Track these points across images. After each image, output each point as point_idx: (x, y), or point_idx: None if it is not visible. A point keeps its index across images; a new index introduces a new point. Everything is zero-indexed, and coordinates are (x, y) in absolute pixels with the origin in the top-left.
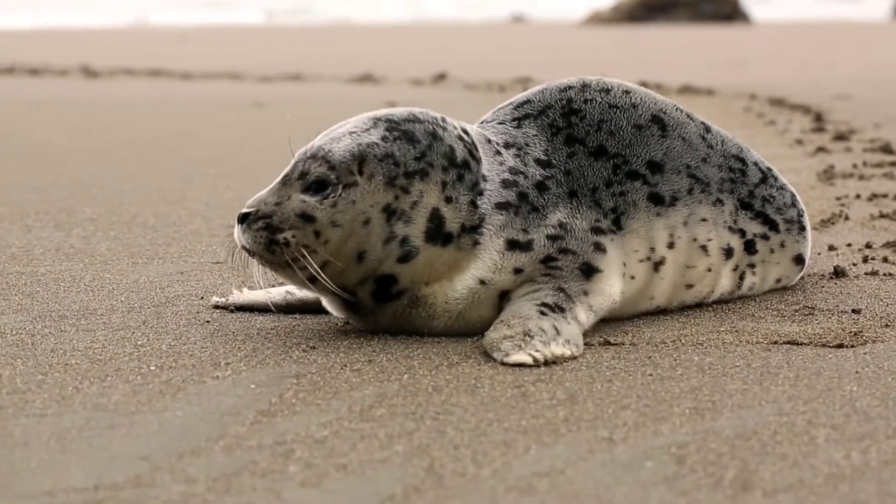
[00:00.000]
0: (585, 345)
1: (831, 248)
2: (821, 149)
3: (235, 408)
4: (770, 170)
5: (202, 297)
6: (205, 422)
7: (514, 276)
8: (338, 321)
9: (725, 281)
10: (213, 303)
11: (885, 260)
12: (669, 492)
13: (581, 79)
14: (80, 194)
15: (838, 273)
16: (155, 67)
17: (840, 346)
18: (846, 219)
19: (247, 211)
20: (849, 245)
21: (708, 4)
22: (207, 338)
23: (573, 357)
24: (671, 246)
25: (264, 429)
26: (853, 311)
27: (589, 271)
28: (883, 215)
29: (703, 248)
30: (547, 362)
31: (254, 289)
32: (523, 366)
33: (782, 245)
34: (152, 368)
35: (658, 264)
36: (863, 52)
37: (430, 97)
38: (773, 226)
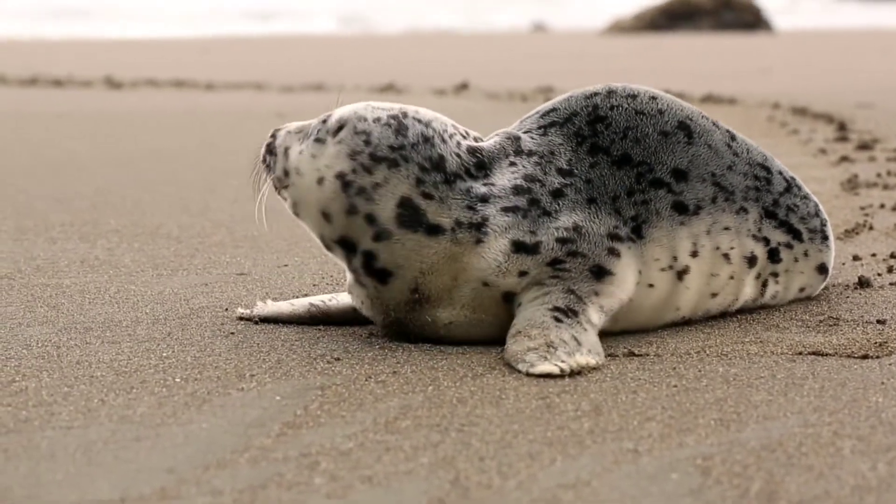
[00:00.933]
0: (609, 355)
1: (856, 258)
2: (844, 158)
3: (261, 420)
4: (794, 179)
5: (226, 309)
6: (230, 434)
7: (519, 279)
8: (361, 332)
9: (749, 289)
10: (237, 314)
11: None
12: (695, 503)
13: (607, 85)
14: (104, 205)
15: (863, 283)
16: (178, 78)
17: (865, 356)
18: (870, 229)
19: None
20: (873, 255)
21: (730, 13)
22: (232, 349)
23: (598, 366)
24: (695, 255)
25: (289, 441)
26: (878, 321)
27: (600, 273)
28: None
29: (726, 257)
30: (573, 372)
31: (277, 300)
32: (550, 376)
33: (805, 254)
34: (177, 380)
35: (682, 273)
36: (887, 60)
37: (452, 107)
38: (797, 235)
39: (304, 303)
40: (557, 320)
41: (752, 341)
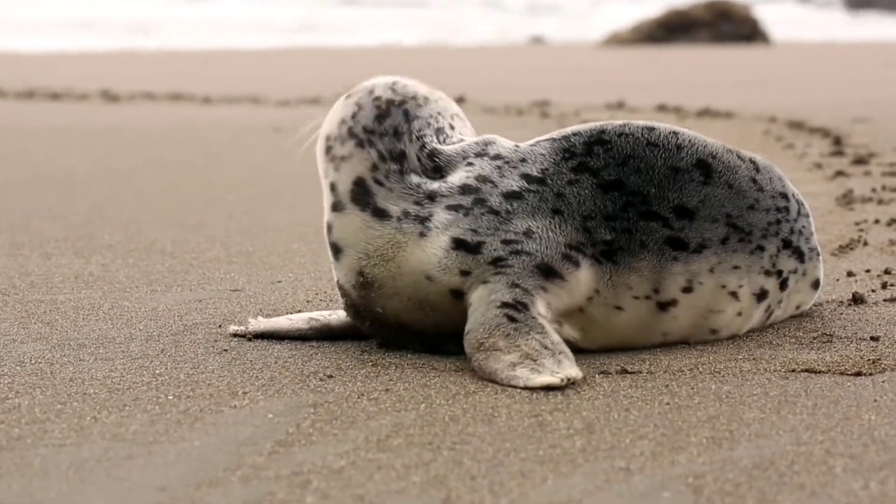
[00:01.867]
0: (602, 373)
1: (850, 273)
2: (840, 173)
3: (253, 438)
4: (796, 195)
5: (220, 325)
6: (222, 452)
7: (463, 278)
8: (355, 349)
9: (755, 322)
10: (230, 331)
11: None
12: None
13: (627, 121)
14: (99, 221)
15: (857, 300)
16: (175, 92)
17: (858, 374)
18: (865, 244)
19: None
20: (867, 271)
21: (728, 25)
22: (225, 366)
23: (581, 377)
24: (688, 290)
25: (281, 459)
26: (872, 338)
27: (548, 273)
28: None
29: (733, 294)
30: (569, 383)
31: (270, 317)
32: (550, 388)
33: (804, 273)
34: (170, 398)
35: (666, 304)
36: (885, 73)
37: None
38: (801, 257)
39: (303, 317)
40: (511, 318)
41: (745, 358)
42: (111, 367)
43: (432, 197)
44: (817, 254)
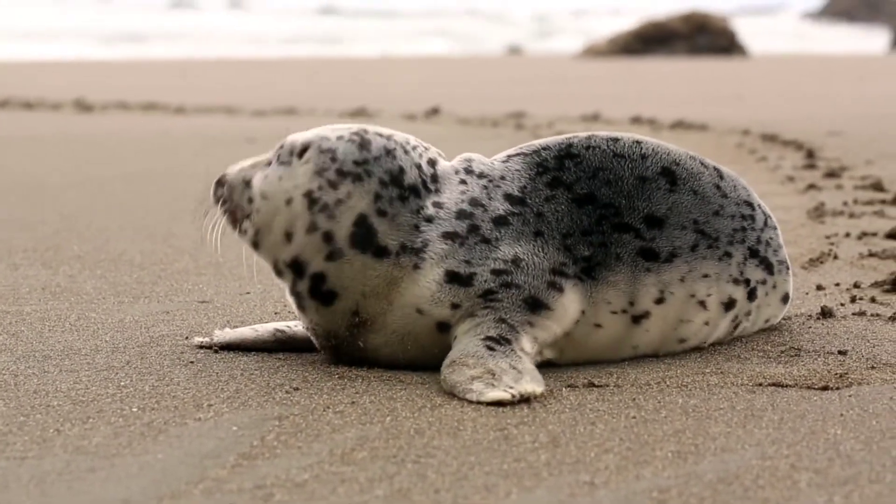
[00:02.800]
0: (569, 386)
1: (819, 287)
2: (812, 186)
3: (216, 450)
4: (762, 206)
5: (187, 337)
6: (185, 465)
7: (452, 311)
8: (321, 361)
9: (721, 332)
10: (196, 343)
11: (873, 300)
12: None
13: (592, 133)
14: (68, 231)
15: (825, 313)
16: (149, 101)
17: (825, 388)
18: (835, 258)
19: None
20: (837, 285)
21: (704, 37)
22: (191, 378)
23: (542, 394)
24: (660, 301)
25: (245, 472)
26: (839, 352)
27: (536, 305)
28: (872, 254)
29: (702, 304)
30: (522, 399)
31: (237, 328)
32: (501, 403)
33: (774, 286)
34: (134, 410)
35: (639, 318)
36: (860, 86)
37: (423, 132)
38: (770, 269)
39: (268, 328)
40: (490, 349)
41: (713, 372)
42: (76, 378)
43: (430, 220)
44: (787, 267)
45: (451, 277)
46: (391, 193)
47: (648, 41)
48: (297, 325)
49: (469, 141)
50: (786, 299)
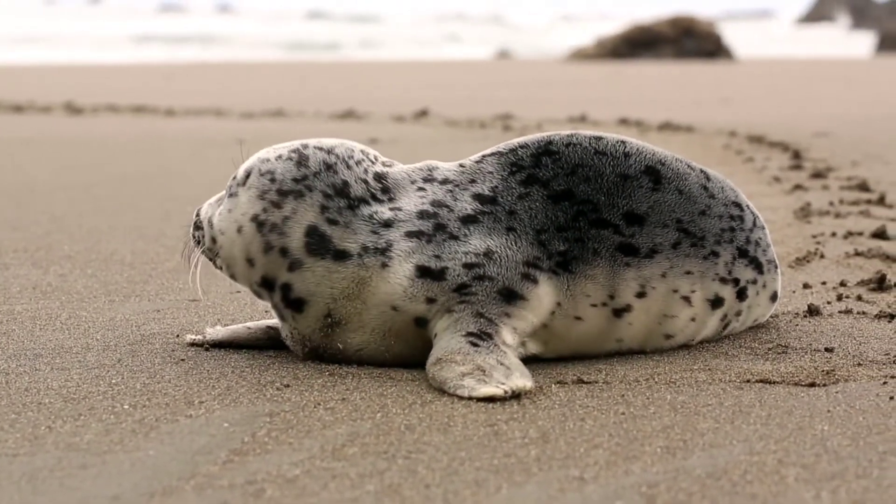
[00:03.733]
0: (558, 382)
1: (806, 286)
2: (798, 186)
3: (208, 447)
4: (751, 207)
5: (178, 335)
6: (177, 461)
7: (428, 306)
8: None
9: (710, 330)
10: (187, 340)
11: (859, 298)
12: None
13: (576, 131)
14: (59, 232)
15: (812, 311)
16: (139, 104)
17: (812, 384)
18: (821, 257)
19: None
20: (823, 283)
21: (691, 41)
22: (182, 376)
23: (531, 389)
24: (641, 295)
25: (236, 468)
26: (826, 349)
27: (510, 296)
28: (858, 253)
29: (686, 300)
30: (513, 395)
31: (228, 326)
32: (493, 399)
33: (764, 286)
34: (126, 407)
35: (621, 311)
36: (845, 89)
37: (411, 134)
38: (760, 268)
39: (261, 325)
40: (474, 345)
41: (701, 368)
42: (67, 376)
43: (389, 224)
44: (775, 266)
45: (423, 272)
46: (338, 204)
47: (635, 45)
48: None
49: (458, 142)
50: (774, 298)
